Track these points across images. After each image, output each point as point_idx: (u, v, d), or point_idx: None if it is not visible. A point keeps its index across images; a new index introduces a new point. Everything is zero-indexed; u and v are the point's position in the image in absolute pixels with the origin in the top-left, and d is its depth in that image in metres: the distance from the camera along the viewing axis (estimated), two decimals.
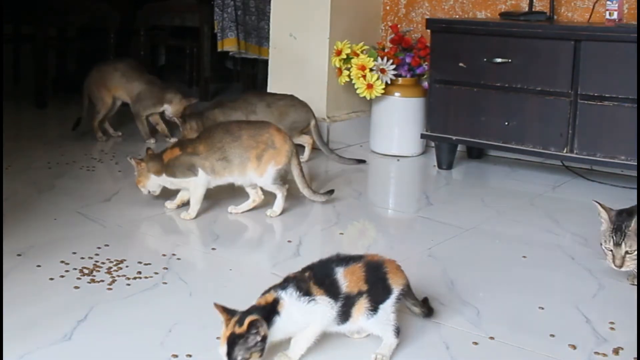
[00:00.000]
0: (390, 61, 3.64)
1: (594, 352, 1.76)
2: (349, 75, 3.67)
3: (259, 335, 1.52)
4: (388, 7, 4.12)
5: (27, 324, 1.81)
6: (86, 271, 2.13)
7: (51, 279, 2.07)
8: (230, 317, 1.55)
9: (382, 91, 3.63)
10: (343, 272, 1.66)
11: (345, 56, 3.68)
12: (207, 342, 1.56)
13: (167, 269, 2.19)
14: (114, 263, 2.20)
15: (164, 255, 2.31)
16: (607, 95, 3.03)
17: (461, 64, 3.37)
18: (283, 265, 2.23)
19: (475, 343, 1.79)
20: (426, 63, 3.64)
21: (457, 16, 3.87)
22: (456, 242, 2.53)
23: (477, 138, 3.38)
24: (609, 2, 3.25)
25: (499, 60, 3.25)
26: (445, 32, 3.41)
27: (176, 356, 1.67)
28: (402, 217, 2.98)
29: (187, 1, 5.52)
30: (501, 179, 3.44)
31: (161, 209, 2.77)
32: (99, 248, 2.32)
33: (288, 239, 2.53)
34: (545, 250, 2.47)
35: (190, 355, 1.67)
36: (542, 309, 2.00)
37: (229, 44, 4.91)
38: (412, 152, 3.77)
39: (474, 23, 3.42)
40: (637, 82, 2.90)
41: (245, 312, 1.56)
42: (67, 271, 2.13)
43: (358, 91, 3.66)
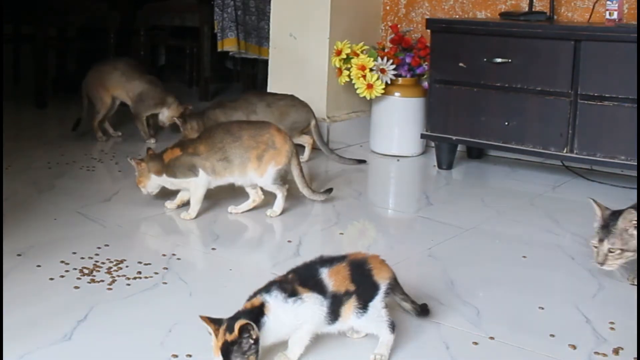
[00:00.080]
0: (390, 61, 3.64)
1: (594, 352, 1.76)
2: (349, 75, 3.67)
3: (252, 338, 1.52)
4: (388, 7, 4.12)
5: (27, 324, 1.81)
6: (86, 271, 2.13)
7: (51, 279, 2.07)
8: (218, 327, 1.54)
9: (382, 91, 3.63)
10: (328, 272, 1.66)
11: (345, 56, 3.68)
12: (207, 342, 1.56)
13: (167, 269, 2.19)
14: (114, 263, 2.20)
15: (164, 255, 2.31)
16: (607, 95, 3.03)
17: (461, 64, 3.37)
18: (283, 265, 2.22)
19: (475, 343, 1.79)
20: (426, 63, 3.64)
21: (457, 16, 3.87)
22: (456, 242, 2.53)
23: (477, 138, 3.38)
24: (609, 2, 3.25)
25: (499, 60, 3.25)
26: (445, 32, 3.41)
27: (176, 356, 1.67)
28: (402, 217, 2.98)
29: (187, 1, 5.52)
30: (501, 179, 3.44)
31: (161, 209, 2.77)
32: (99, 248, 2.32)
33: (288, 239, 2.53)
34: (545, 250, 2.47)
35: (190, 355, 1.67)
36: (542, 309, 2.00)
37: (229, 44, 4.91)
38: (412, 152, 3.77)
39: (474, 23, 3.42)
40: (637, 82, 2.90)
41: (232, 319, 1.55)
42: (67, 271, 2.13)
43: (358, 91, 3.66)
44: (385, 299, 1.71)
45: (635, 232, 2.01)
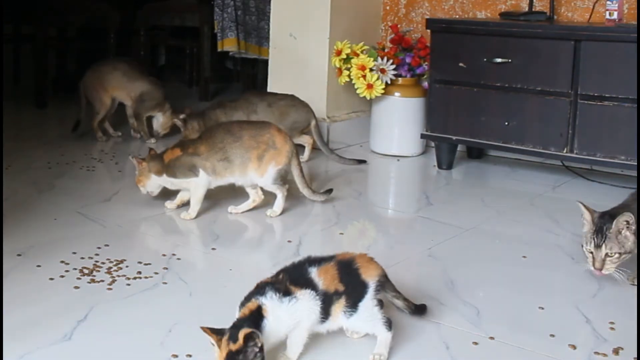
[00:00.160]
0: (390, 61, 3.64)
1: (594, 352, 1.76)
2: (349, 75, 3.67)
3: (257, 347, 1.50)
4: (388, 7, 4.12)
5: (27, 324, 1.81)
6: (86, 271, 2.13)
7: (51, 279, 2.07)
8: (220, 337, 1.52)
9: (382, 91, 3.63)
10: (317, 271, 1.67)
11: (345, 56, 3.68)
12: (207, 342, 1.56)
13: (167, 269, 2.19)
14: (114, 263, 2.20)
15: (164, 255, 2.31)
16: (607, 95, 3.03)
17: (461, 64, 3.37)
18: (283, 265, 2.21)
19: (475, 343, 1.79)
20: (426, 63, 3.64)
21: (457, 16, 3.87)
22: (456, 242, 2.53)
23: (477, 138, 3.38)
24: (609, 2, 3.25)
25: (499, 60, 3.25)
26: (445, 32, 3.41)
27: (176, 356, 1.67)
28: (402, 217, 2.98)
29: (187, 1, 5.52)
30: (501, 179, 3.44)
31: (161, 209, 2.77)
32: (99, 248, 2.32)
33: (288, 239, 2.53)
34: (545, 250, 2.47)
35: (190, 355, 1.67)
36: (542, 309, 2.00)
37: (229, 44, 4.91)
38: (412, 152, 3.77)
39: (474, 23, 3.42)
40: (637, 82, 2.90)
41: (234, 327, 1.54)
42: (67, 271, 2.13)
43: (358, 91, 3.66)
44: (376, 296, 1.70)
45: (629, 234, 2.00)
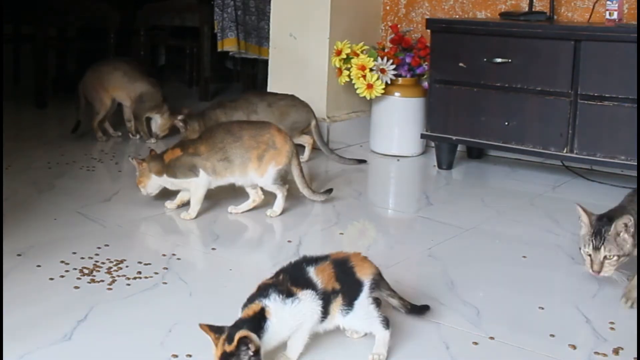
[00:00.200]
0: (390, 61, 3.64)
1: (594, 352, 1.76)
2: (349, 75, 3.67)
3: (251, 350, 1.50)
4: (388, 7, 4.12)
5: (27, 324, 1.81)
6: (86, 271, 2.13)
7: (51, 279, 2.07)
8: (218, 336, 1.52)
9: (382, 91, 3.63)
10: (314, 270, 1.67)
11: (345, 56, 3.68)
12: (207, 342, 1.56)
13: (167, 269, 2.19)
14: (114, 263, 2.20)
15: (164, 255, 2.31)
16: (607, 95, 3.03)
17: (461, 64, 3.37)
18: (283, 265, 2.22)
19: (475, 343, 1.79)
20: (426, 63, 3.64)
21: (457, 16, 3.87)
22: (456, 242, 2.53)
23: (477, 138, 3.38)
24: (609, 2, 3.25)
25: (499, 60, 3.25)
26: (445, 32, 3.41)
27: (176, 356, 1.67)
28: (402, 217, 2.98)
29: (187, 1, 5.52)
30: (501, 179, 3.44)
31: (161, 209, 2.77)
32: (99, 248, 2.32)
33: (288, 239, 2.53)
34: (545, 250, 2.47)
35: (190, 355, 1.67)
36: (542, 309, 2.00)
37: (229, 44, 4.92)
38: (412, 152, 3.77)
39: (474, 23, 3.42)
40: (637, 82, 2.90)
41: (233, 327, 1.53)
42: (67, 271, 2.13)
43: (358, 91, 3.66)
44: (371, 294, 1.71)
45: (627, 236, 1.97)
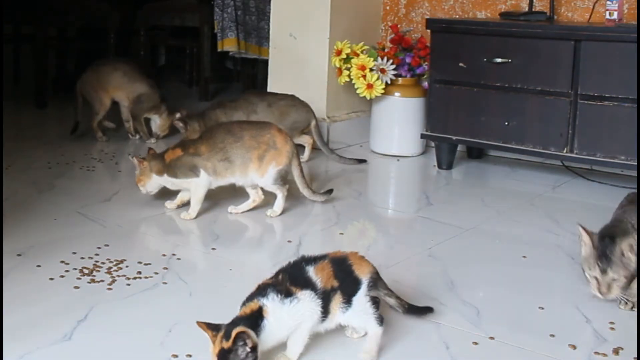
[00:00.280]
0: (390, 61, 3.64)
1: (594, 352, 1.76)
2: (349, 75, 3.67)
3: (248, 346, 1.50)
4: (388, 7, 4.12)
5: (27, 324, 1.81)
6: (86, 271, 2.13)
7: (51, 279, 2.07)
8: (215, 333, 1.53)
9: (382, 91, 3.63)
10: (314, 269, 1.68)
11: (345, 56, 3.68)
12: (207, 342, 1.56)
13: (167, 269, 2.19)
14: (114, 263, 2.20)
15: (164, 255, 2.31)
16: (607, 95, 3.03)
17: (461, 64, 3.37)
18: (284, 264, 2.22)
19: (475, 343, 1.79)
20: (426, 63, 3.64)
21: (457, 16, 3.87)
22: (456, 242, 2.53)
23: (477, 138, 3.38)
24: (609, 2, 3.25)
25: (499, 60, 3.25)
26: (445, 32, 3.41)
27: (176, 356, 1.67)
28: (402, 217, 2.98)
29: (187, 1, 5.52)
30: (501, 179, 3.44)
31: (161, 209, 2.77)
32: (99, 248, 2.32)
33: (288, 239, 2.53)
34: (545, 250, 2.47)
35: (190, 355, 1.67)
36: (542, 309, 2.00)
37: (229, 44, 4.91)
38: (412, 152, 3.77)
39: (474, 23, 3.42)
40: (637, 82, 2.90)
41: (230, 325, 1.54)
42: (67, 271, 2.13)
43: (358, 91, 3.66)
44: (369, 293, 1.71)
45: (631, 255, 1.93)
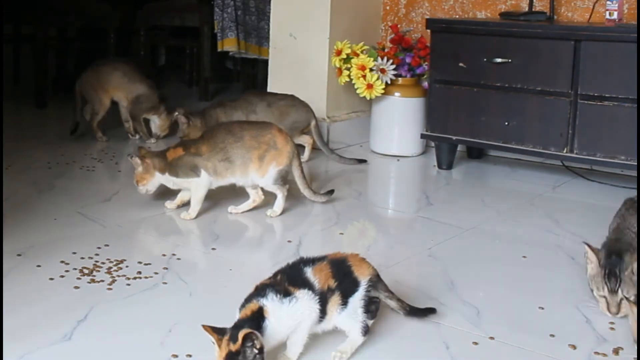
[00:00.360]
0: (390, 61, 3.64)
1: (594, 352, 1.76)
2: (349, 75, 3.67)
3: (256, 348, 1.50)
4: (388, 7, 4.12)
5: (27, 324, 1.81)
6: (86, 271, 2.13)
7: (51, 279, 2.07)
8: (221, 337, 1.52)
9: (382, 91, 3.63)
10: (312, 270, 1.68)
11: (345, 56, 3.68)
12: (207, 342, 1.56)
13: (167, 269, 2.19)
14: (114, 263, 2.20)
15: (164, 255, 2.31)
16: (607, 95, 3.03)
17: (461, 64, 3.37)
18: (283, 265, 2.22)
19: (475, 343, 1.79)
20: (426, 63, 3.64)
21: (457, 16, 3.87)
22: (456, 242, 2.53)
23: (477, 138, 3.38)
24: (609, 2, 3.25)
25: (499, 60, 3.25)
26: (445, 32, 3.41)
27: (176, 356, 1.67)
28: (402, 217, 2.98)
29: (187, 1, 5.52)
30: (501, 179, 3.44)
31: (161, 209, 2.77)
32: (99, 248, 2.32)
33: (288, 239, 2.53)
34: (545, 250, 2.47)
35: (190, 355, 1.67)
36: (542, 309, 2.00)
37: (229, 44, 4.91)
38: (412, 152, 3.77)
39: (474, 23, 3.42)
40: (637, 82, 2.90)
41: (235, 328, 1.54)
42: (67, 271, 2.13)
43: (358, 91, 3.66)
44: (367, 295, 1.71)
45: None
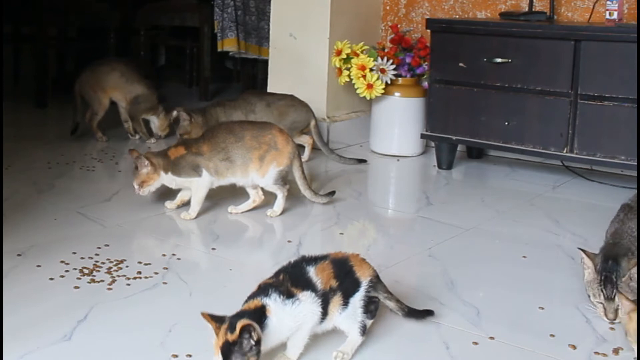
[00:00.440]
0: (390, 61, 3.64)
1: (594, 352, 1.76)
2: (349, 75, 3.67)
3: (253, 340, 1.50)
4: (388, 7, 4.12)
5: (27, 324, 1.81)
6: (86, 271, 2.13)
7: (51, 279, 2.07)
8: (219, 325, 1.53)
9: (382, 91, 3.62)
10: (314, 270, 1.68)
11: (345, 56, 3.68)
12: (207, 342, 1.56)
13: (167, 269, 2.19)
14: (114, 263, 2.20)
15: (164, 255, 2.31)
16: (607, 95, 3.03)
17: (461, 64, 3.37)
18: (283, 264, 2.22)
19: (475, 343, 1.79)
20: (426, 63, 3.64)
21: (457, 16, 3.87)
22: (456, 242, 2.53)
23: (477, 138, 3.38)
24: (609, 2, 3.25)
25: (499, 60, 3.25)
26: (445, 32, 3.41)
27: (176, 356, 1.67)
28: (402, 217, 2.98)
29: (187, 1, 5.52)
30: (501, 179, 3.44)
31: (161, 209, 2.77)
32: (99, 248, 2.32)
33: (288, 239, 2.53)
34: (545, 250, 2.47)
35: (190, 355, 1.67)
36: (542, 309, 2.00)
37: (229, 44, 4.91)
38: (412, 152, 3.77)
39: (474, 23, 3.42)
40: (637, 82, 2.90)
41: (235, 317, 1.54)
42: (67, 271, 2.13)
43: (358, 91, 3.65)
44: (367, 295, 1.71)
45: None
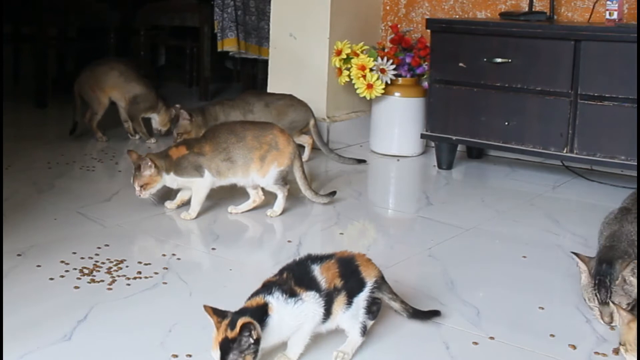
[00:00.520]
0: (390, 61, 3.64)
1: (594, 352, 1.76)
2: (349, 75, 3.67)
3: (252, 338, 1.51)
4: (388, 7, 4.12)
5: (27, 324, 1.81)
6: (86, 271, 2.13)
7: (51, 279, 2.08)
8: (220, 320, 1.53)
9: (382, 91, 3.62)
10: (319, 269, 1.67)
11: (345, 56, 3.68)
12: (207, 342, 1.56)
13: (167, 269, 2.19)
14: (114, 263, 2.21)
15: (164, 255, 2.31)
16: (607, 95, 3.03)
17: (461, 64, 3.37)
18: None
19: (475, 343, 1.79)
20: (426, 63, 3.64)
21: (457, 16, 3.87)
22: (456, 242, 2.53)
23: (477, 138, 3.38)
24: (609, 2, 3.25)
25: (499, 60, 3.25)
26: (445, 32, 3.41)
27: (176, 356, 1.67)
28: (402, 217, 2.98)
29: (187, 1, 5.52)
30: (501, 179, 3.44)
31: (161, 209, 2.77)
32: (99, 248, 2.32)
33: (288, 239, 2.54)
34: (545, 250, 2.47)
35: (190, 355, 1.67)
36: (542, 309, 2.00)
37: (229, 44, 4.91)
38: (412, 152, 3.77)
39: (474, 23, 3.42)
40: (637, 82, 2.90)
41: (237, 314, 1.54)
42: (67, 271, 2.13)
43: (358, 91, 3.65)
44: (369, 297, 1.71)
45: (633, 279, 1.87)
